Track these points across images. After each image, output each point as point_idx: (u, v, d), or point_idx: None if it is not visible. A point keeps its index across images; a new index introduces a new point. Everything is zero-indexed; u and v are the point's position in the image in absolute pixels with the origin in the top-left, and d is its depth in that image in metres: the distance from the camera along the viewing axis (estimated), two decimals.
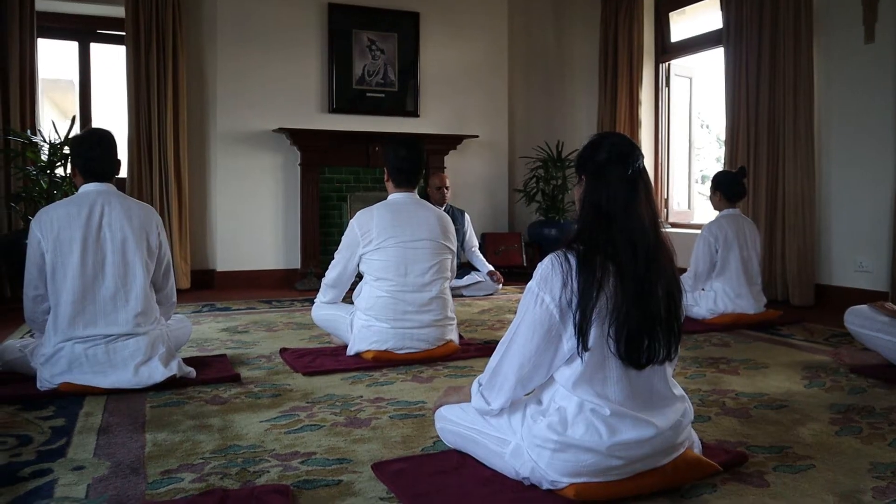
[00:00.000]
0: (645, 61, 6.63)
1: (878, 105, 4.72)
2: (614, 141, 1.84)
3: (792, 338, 3.99)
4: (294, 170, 6.32)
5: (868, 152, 4.81)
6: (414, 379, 3.10)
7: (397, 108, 6.68)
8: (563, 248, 1.81)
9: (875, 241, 4.77)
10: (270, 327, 4.32)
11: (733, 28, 5.53)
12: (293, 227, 6.35)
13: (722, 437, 2.34)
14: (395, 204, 3.42)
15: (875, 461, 2.13)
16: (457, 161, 6.88)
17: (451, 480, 1.92)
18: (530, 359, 1.82)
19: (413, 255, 3.34)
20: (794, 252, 5.07)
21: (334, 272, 3.50)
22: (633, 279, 1.76)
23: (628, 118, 6.61)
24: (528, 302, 1.83)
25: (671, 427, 1.83)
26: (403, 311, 3.31)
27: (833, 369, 3.25)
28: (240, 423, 2.49)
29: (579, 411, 1.78)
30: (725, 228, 4.33)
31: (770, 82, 5.24)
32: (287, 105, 6.29)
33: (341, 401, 2.77)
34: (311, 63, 6.40)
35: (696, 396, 2.80)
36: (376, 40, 6.57)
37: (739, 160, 5.40)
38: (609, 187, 1.79)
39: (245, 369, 3.26)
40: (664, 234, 1.86)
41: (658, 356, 1.81)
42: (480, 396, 1.94)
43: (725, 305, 4.29)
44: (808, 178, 5.03)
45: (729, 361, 3.42)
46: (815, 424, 2.48)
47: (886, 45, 4.65)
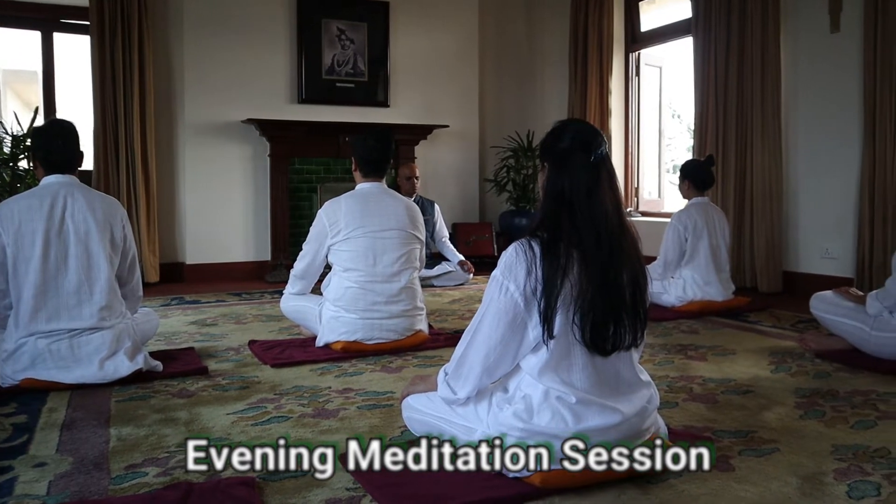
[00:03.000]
0: (615, 51, 6.65)
1: (844, 94, 4.77)
2: (577, 128, 1.84)
3: (759, 324, 4.04)
4: (264, 161, 6.26)
5: (834, 141, 4.87)
6: (383, 369, 3.09)
7: (367, 99, 6.63)
8: (528, 236, 1.81)
9: (841, 229, 4.83)
10: (240, 319, 4.28)
11: (702, 18, 5.56)
12: (263, 219, 6.29)
13: (689, 423, 2.36)
14: (363, 194, 3.40)
15: (837, 444, 2.16)
16: (427, 151, 6.86)
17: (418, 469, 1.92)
18: (496, 347, 1.82)
19: (382, 245, 3.32)
20: (762, 240, 5.13)
21: (303, 263, 3.48)
22: (598, 266, 1.76)
23: (598, 107, 6.62)
24: (492, 291, 1.82)
25: (637, 413, 1.84)
26: (372, 302, 3.30)
27: (799, 354, 3.29)
28: (206, 416, 2.47)
29: (545, 399, 1.78)
30: (695, 217, 4.36)
31: (738, 72, 5.28)
32: (256, 95, 6.22)
33: (309, 392, 2.75)
34: (281, 53, 6.33)
35: (665, 383, 2.83)
36: (346, 30, 6.52)
37: (708, 149, 5.44)
38: (572, 174, 1.79)
39: (213, 362, 3.23)
40: (628, 221, 1.86)
41: (624, 342, 1.82)
42: (447, 385, 1.94)
43: (694, 293, 4.32)
44: (775, 166, 5.09)
45: (697, 348, 3.46)
46: (780, 409, 2.52)
47: (851, 34, 4.70)
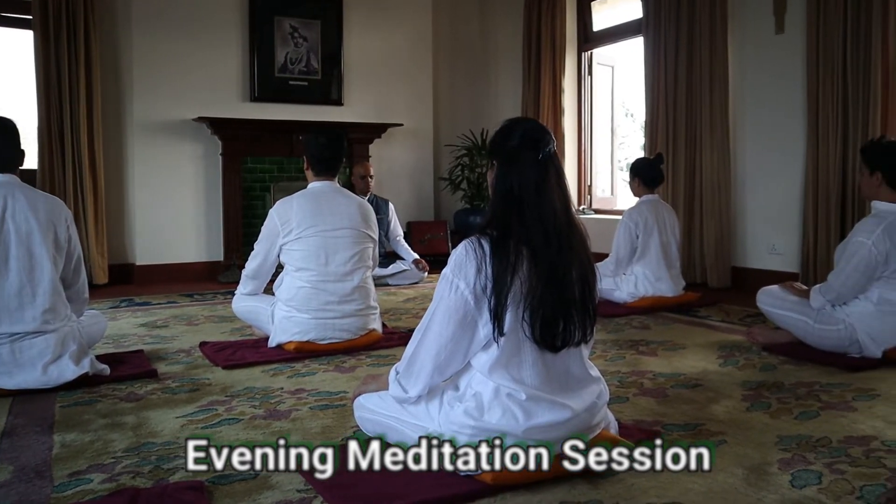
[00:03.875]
0: (568, 50, 6.70)
1: (789, 94, 4.88)
2: (525, 126, 1.86)
3: (709, 319, 4.11)
4: (215, 160, 6.17)
5: (780, 139, 4.98)
6: (336, 369, 3.07)
7: (321, 97, 6.58)
8: (477, 234, 1.81)
9: (787, 225, 4.95)
10: (191, 321, 4.21)
11: (652, 18, 5.65)
12: (215, 219, 6.20)
13: (639, 417, 2.40)
14: (315, 193, 3.37)
15: (782, 434, 2.21)
16: (381, 150, 6.83)
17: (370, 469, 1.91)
18: (446, 345, 1.82)
19: (334, 244, 3.30)
20: (712, 236, 5.23)
21: (254, 263, 3.44)
22: (547, 263, 1.78)
23: (552, 106, 6.67)
24: (442, 289, 1.82)
25: (586, 409, 1.86)
26: (325, 302, 3.27)
27: (746, 348, 3.36)
28: (155, 420, 2.42)
29: (495, 396, 1.79)
30: (645, 214, 4.43)
31: (687, 71, 5.37)
32: (207, 93, 6.12)
33: (261, 393, 2.72)
34: (232, 51, 6.24)
35: (616, 378, 2.86)
36: (299, 27, 6.46)
37: (659, 147, 5.52)
38: (521, 172, 1.80)
39: (163, 364, 3.17)
40: (576, 218, 1.88)
41: (573, 339, 1.84)
42: (398, 384, 1.93)
43: (646, 289, 4.39)
44: (723, 164, 5.19)
45: (648, 343, 3.51)
46: (727, 401, 2.57)
47: (795, 35, 4.81)
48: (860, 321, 3.08)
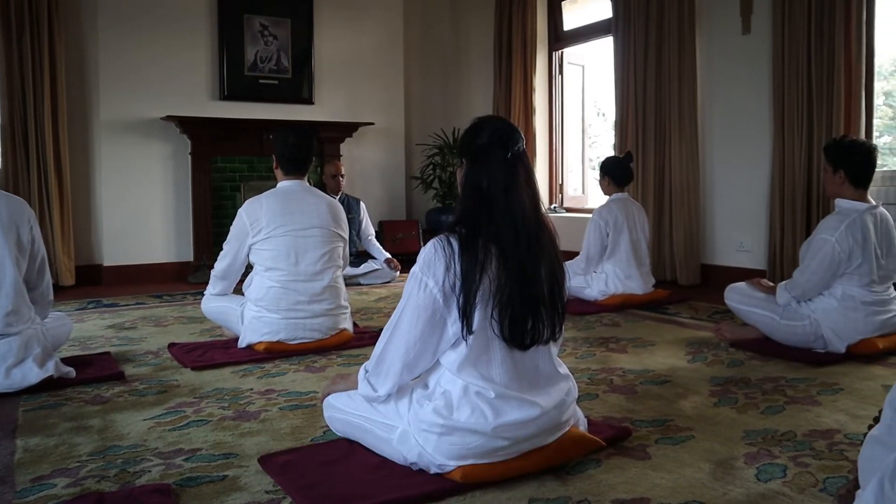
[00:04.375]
0: (538, 49, 6.73)
1: (756, 93, 4.95)
2: (495, 125, 1.86)
3: (678, 316, 4.16)
4: (185, 159, 6.10)
5: (747, 138, 5.04)
6: (307, 369, 3.05)
7: (292, 96, 6.54)
8: (446, 233, 1.81)
9: (754, 222, 5.02)
10: (160, 322, 4.16)
11: (621, 18, 5.69)
12: (185, 219, 6.13)
13: (608, 414, 2.41)
14: (284, 192, 3.35)
15: (748, 429, 2.24)
16: (353, 149, 6.81)
17: (339, 469, 1.90)
18: (415, 344, 1.81)
19: (304, 243, 3.28)
20: (681, 234, 5.28)
21: (223, 263, 3.41)
22: (516, 261, 1.78)
23: (523, 105, 6.70)
24: (411, 287, 1.82)
25: (555, 406, 1.87)
26: (295, 301, 3.25)
27: (715, 344, 3.40)
28: (121, 423, 2.39)
29: (464, 394, 1.79)
30: (615, 212, 4.46)
31: (656, 71, 5.41)
32: (176, 92, 6.05)
33: (230, 394, 2.70)
34: (201, 49, 6.17)
35: (586, 375, 2.88)
36: (269, 25, 6.41)
37: (629, 146, 5.56)
38: (490, 170, 1.80)
39: (130, 366, 3.13)
40: (545, 217, 1.89)
41: (542, 337, 1.84)
42: (367, 383, 1.93)
43: (616, 287, 4.42)
44: (692, 163, 5.24)
45: (618, 340, 3.53)
46: (695, 397, 2.59)
47: (762, 35, 4.88)
48: (824, 317, 3.13)
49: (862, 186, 3.14)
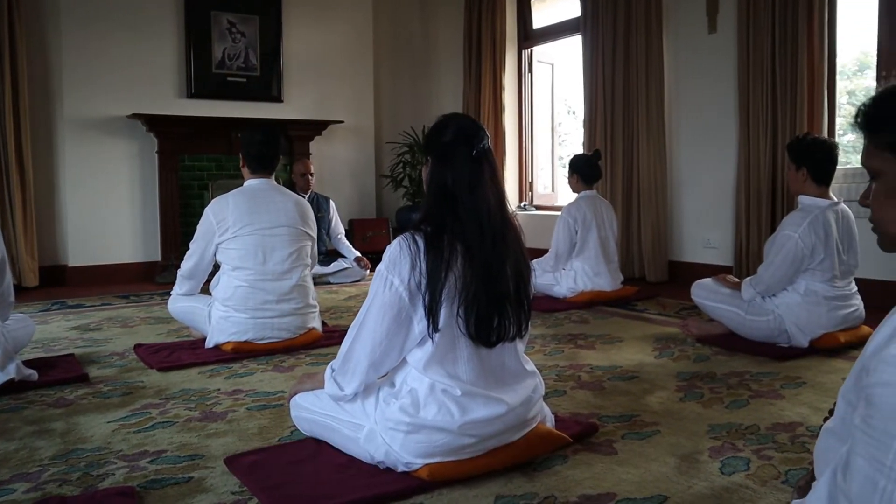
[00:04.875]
0: (508, 48, 6.75)
1: (722, 91, 5.01)
2: (460, 123, 1.86)
3: (646, 312, 4.20)
4: (151, 157, 6.02)
5: (713, 136, 5.10)
6: (275, 369, 3.03)
7: (260, 94, 6.49)
8: (412, 230, 1.81)
9: (721, 220, 5.08)
10: (126, 323, 4.11)
11: (590, 16, 5.72)
12: (152, 218, 6.05)
13: (576, 410, 2.43)
14: (251, 190, 3.32)
15: (713, 423, 2.27)
16: (322, 147, 6.77)
17: (306, 469, 1.89)
18: (381, 342, 1.81)
19: (271, 242, 3.26)
20: (649, 231, 5.33)
21: (190, 263, 3.37)
22: (481, 258, 1.78)
23: (492, 103, 6.71)
24: (377, 285, 1.82)
25: (522, 403, 1.87)
26: (263, 301, 3.23)
27: (681, 340, 3.44)
28: (85, 426, 2.35)
29: (431, 392, 1.79)
30: (584, 210, 4.49)
31: (624, 69, 5.46)
32: (142, 90, 5.97)
33: (197, 395, 2.67)
34: (168, 46, 6.10)
35: (554, 372, 2.89)
36: (236, 23, 6.35)
37: (598, 144, 5.60)
38: (454, 168, 1.80)
39: (95, 368, 3.08)
40: (511, 214, 1.89)
41: (508, 334, 1.85)
42: (333, 382, 1.92)
43: (585, 284, 4.45)
44: (660, 161, 5.29)
45: (587, 337, 3.56)
46: (662, 392, 2.62)
47: (727, 34, 4.94)
48: (788, 312, 3.18)
49: (824, 183, 3.19)
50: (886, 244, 1.03)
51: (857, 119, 1.02)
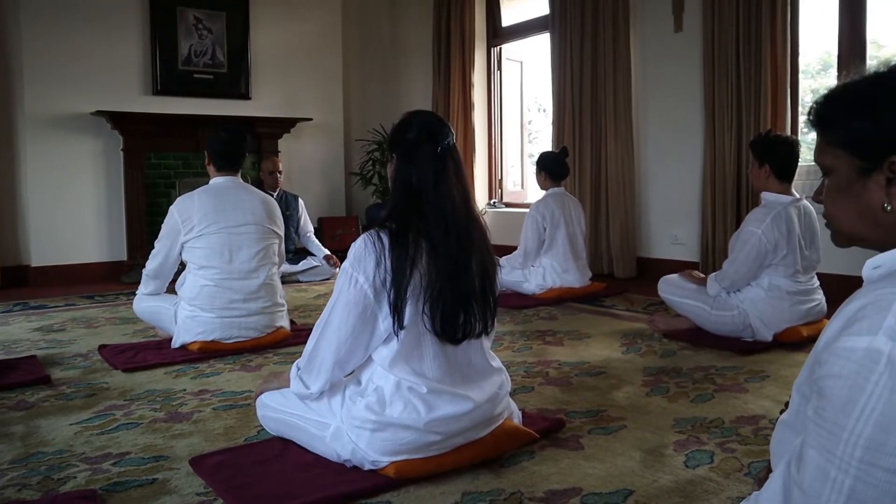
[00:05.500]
0: (477, 45, 6.75)
1: (688, 89, 5.06)
2: (424, 119, 1.86)
3: (614, 308, 4.23)
4: (116, 155, 5.93)
5: (680, 133, 5.16)
6: (242, 368, 3.01)
7: (228, 91, 6.42)
8: (376, 228, 1.80)
9: (688, 216, 5.14)
10: (91, 323, 4.04)
11: (558, 15, 5.75)
12: (117, 217, 5.96)
13: (543, 406, 2.44)
14: (217, 188, 3.29)
15: (678, 417, 2.30)
16: (291, 145, 6.73)
17: (272, 469, 1.88)
18: (347, 340, 1.80)
19: (238, 240, 3.23)
20: (617, 228, 5.37)
21: (155, 262, 3.33)
22: (446, 255, 1.78)
23: (462, 101, 6.72)
24: (342, 282, 1.81)
25: (488, 400, 1.88)
26: (230, 300, 3.20)
27: (648, 335, 3.47)
28: (46, 428, 2.31)
29: (396, 390, 1.78)
30: (552, 207, 4.51)
31: (592, 67, 5.49)
32: (106, 86, 5.87)
33: (162, 395, 2.64)
34: (132, 42, 6.00)
35: (522, 368, 2.91)
36: (203, 19, 6.27)
37: (566, 142, 5.63)
38: (419, 165, 1.80)
39: (58, 370, 3.03)
40: (476, 211, 1.90)
41: (474, 331, 1.85)
42: (299, 381, 1.91)
43: (553, 280, 4.47)
44: (627, 158, 5.34)
45: (555, 333, 3.58)
46: (629, 387, 2.64)
47: (693, 33, 4.99)
48: (752, 306, 3.23)
49: (786, 180, 3.24)
50: (839, 240, 1.05)
51: (809, 116, 1.03)
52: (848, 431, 0.81)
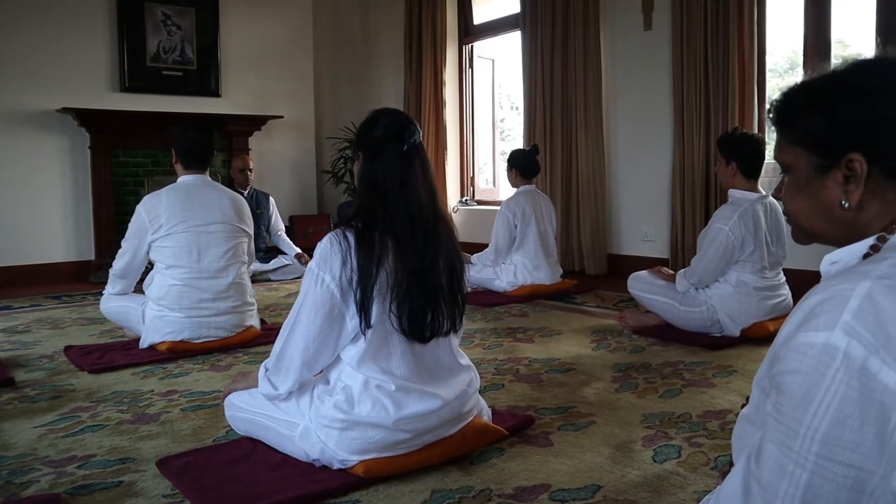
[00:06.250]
0: (448, 43, 6.74)
1: (657, 88, 5.10)
2: (391, 117, 1.85)
3: (585, 305, 4.26)
4: (83, 153, 5.84)
5: (650, 131, 5.20)
6: (211, 368, 2.98)
7: (198, 88, 6.35)
8: (343, 226, 1.79)
9: (657, 213, 5.18)
10: (57, 324, 3.98)
11: (529, 13, 5.77)
12: (85, 216, 5.88)
13: (514, 403, 2.45)
14: (185, 187, 3.25)
15: (647, 413, 2.32)
16: (262, 142, 6.67)
17: (240, 469, 1.86)
18: (314, 340, 1.79)
19: (206, 239, 3.19)
20: (588, 225, 5.40)
21: (122, 261, 3.28)
22: (413, 254, 1.78)
23: (433, 98, 6.71)
24: (308, 282, 1.80)
25: (457, 397, 1.88)
26: (198, 299, 3.17)
27: (618, 332, 3.50)
28: (9, 432, 2.27)
29: (365, 388, 1.78)
30: (523, 204, 4.52)
31: (563, 65, 5.52)
32: (73, 83, 5.78)
33: (130, 397, 2.61)
34: (99, 38, 5.91)
35: (493, 366, 2.91)
36: (172, 15, 6.20)
37: (537, 139, 5.65)
38: (385, 163, 1.80)
39: (22, 372, 2.97)
40: (443, 209, 1.89)
41: (442, 329, 1.85)
42: (267, 381, 1.89)
43: (525, 277, 4.49)
44: (598, 155, 5.37)
45: (526, 330, 3.59)
46: (598, 384, 2.66)
47: (662, 32, 5.03)
48: (720, 302, 3.26)
49: (753, 177, 3.28)
50: (798, 236, 1.07)
51: (769, 114, 1.04)
52: (805, 426, 0.82)
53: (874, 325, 0.81)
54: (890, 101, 0.93)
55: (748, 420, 1.02)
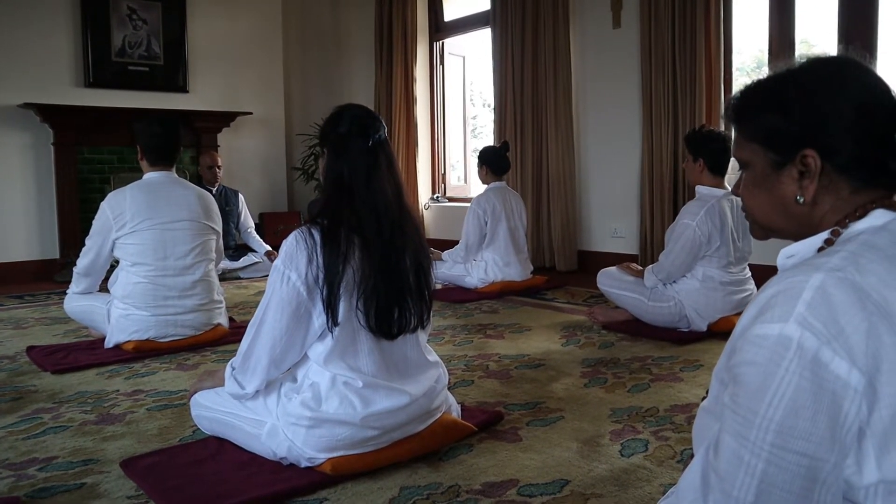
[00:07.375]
0: (419, 39, 6.73)
1: (626, 85, 5.14)
2: (355, 113, 1.84)
3: (555, 301, 4.28)
4: (47, 149, 5.73)
5: (619, 128, 5.23)
6: (178, 367, 2.95)
7: (165, 83, 6.26)
8: (308, 224, 1.78)
9: (627, 210, 5.22)
10: (19, 324, 3.91)
11: (499, 10, 5.78)
12: (49, 214, 5.77)
13: (483, 399, 2.45)
14: (150, 184, 3.20)
15: (615, 407, 2.34)
16: (231, 139, 6.60)
17: (206, 469, 1.85)
18: (281, 338, 1.78)
19: (172, 237, 3.15)
20: (559, 222, 5.43)
21: (86, 259, 3.22)
22: (379, 251, 1.77)
23: (404, 95, 6.70)
24: (274, 281, 1.78)
25: (425, 394, 1.88)
26: (164, 297, 3.13)
27: (588, 327, 3.52)
28: None
29: (332, 385, 1.77)
30: (493, 201, 4.53)
31: (533, 63, 5.53)
32: (35, 78, 5.66)
33: (94, 397, 2.57)
34: (62, 32, 5.80)
35: (462, 362, 2.91)
36: (137, 9, 6.10)
37: (508, 136, 5.66)
38: (350, 159, 1.79)
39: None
40: (409, 205, 1.89)
41: (409, 326, 1.85)
42: (234, 381, 1.88)
43: (495, 274, 4.50)
44: (568, 152, 5.39)
45: (496, 327, 3.60)
46: (567, 379, 2.68)
47: (631, 30, 5.06)
48: (688, 297, 3.30)
49: (719, 174, 3.32)
50: (756, 230, 1.08)
51: (727, 112, 1.06)
52: (760, 416, 0.83)
53: (826, 317, 0.82)
54: (841, 98, 0.94)
55: (708, 412, 1.03)
